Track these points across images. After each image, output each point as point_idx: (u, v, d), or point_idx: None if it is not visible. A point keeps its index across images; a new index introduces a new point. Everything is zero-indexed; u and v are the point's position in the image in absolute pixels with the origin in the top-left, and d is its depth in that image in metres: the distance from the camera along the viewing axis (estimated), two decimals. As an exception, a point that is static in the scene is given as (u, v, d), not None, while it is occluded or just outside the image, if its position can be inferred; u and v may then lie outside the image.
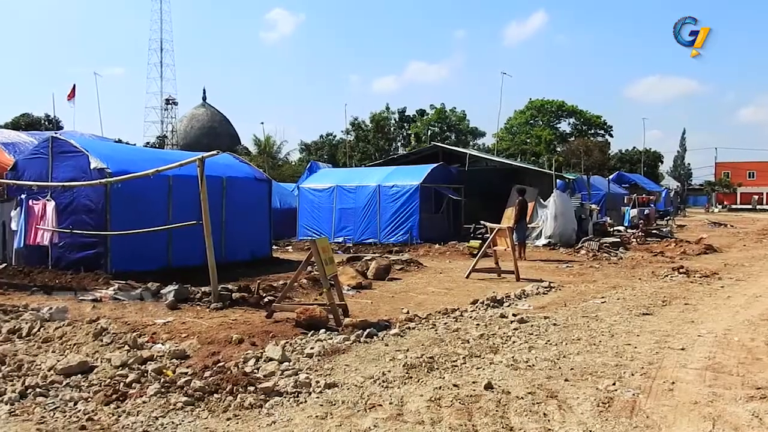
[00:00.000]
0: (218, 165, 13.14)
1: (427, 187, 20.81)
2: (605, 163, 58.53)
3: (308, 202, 22.18)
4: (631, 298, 10.03)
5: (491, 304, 9.24)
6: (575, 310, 8.99)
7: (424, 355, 6.16)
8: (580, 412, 4.62)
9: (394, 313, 8.65)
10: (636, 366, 5.91)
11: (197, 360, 6.06)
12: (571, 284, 11.82)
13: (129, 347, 6.35)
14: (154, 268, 11.41)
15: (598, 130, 68.78)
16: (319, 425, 4.37)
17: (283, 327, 7.45)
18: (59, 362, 5.69)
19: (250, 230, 14.21)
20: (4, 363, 5.80)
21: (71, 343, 6.60)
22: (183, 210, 11.50)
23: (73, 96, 34.81)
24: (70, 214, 11.21)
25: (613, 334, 7.29)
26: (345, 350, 6.44)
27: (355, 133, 65.69)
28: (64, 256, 11.46)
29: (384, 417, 4.50)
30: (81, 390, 5.12)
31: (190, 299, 9.12)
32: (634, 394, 5.03)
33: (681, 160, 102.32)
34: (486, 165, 27.22)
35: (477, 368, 5.80)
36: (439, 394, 4.98)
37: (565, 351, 6.46)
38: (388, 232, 20.49)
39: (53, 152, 11.84)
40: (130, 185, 10.82)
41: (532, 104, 67.98)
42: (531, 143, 63.96)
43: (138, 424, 4.37)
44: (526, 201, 17.37)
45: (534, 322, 7.94)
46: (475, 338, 7.00)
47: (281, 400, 4.89)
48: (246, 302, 9.00)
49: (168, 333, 7.10)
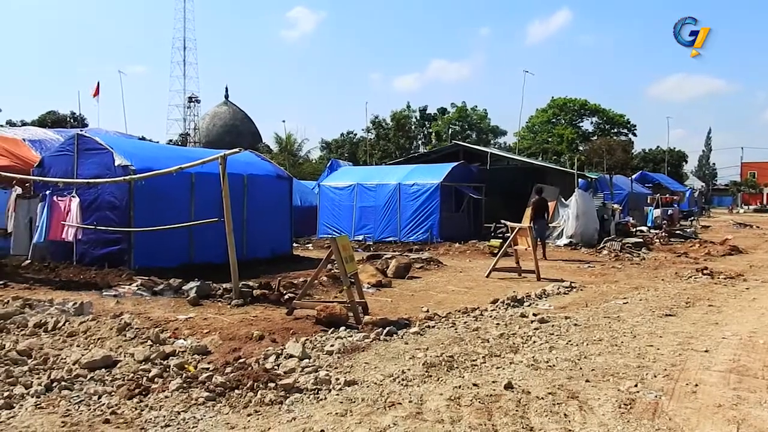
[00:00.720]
0: (240, 163, 13.23)
1: (448, 185, 20.74)
2: (628, 163, 57.96)
3: (329, 200, 22.23)
4: (653, 299, 9.92)
5: (512, 303, 9.20)
6: (597, 310, 8.91)
7: (443, 354, 6.15)
8: (602, 414, 4.59)
9: (413, 311, 8.65)
10: (658, 367, 5.84)
11: (218, 356, 6.12)
12: (592, 284, 11.72)
13: (152, 342, 6.43)
14: (176, 264, 11.53)
15: (621, 129, 68.12)
16: (339, 422, 4.38)
17: (303, 324, 7.49)
18: (84, 356, 5.78)
19: (271, 228, 14.29)
20: (30, 356, 5.90)
21: (95, 337, 6.70)
22: (205, 207, 11.60)
23: (97, 93, 35.32)
24: (94, 211, 11.35)
25: (635, 335, 7.22)
26: (365, 348, 6.46)
27: (376, 131, 65.72)
28: (88, 252, 11.61)
29: (403, 415, 4.50)
30: (105, 384, 5.19)
31: (212, 296, 9.20)
32: (657, 396, 4.98)
33: (706, 160, 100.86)
34: (507, 164, 27.10)
35: (497, 368, 5.78)
36: (458, 393, 4.98)
37: (586, 351, 6.41)
38: (409, 230, 20.47)
39: (78, 149, 12.00)
40: (153, 182, 10.94)
41: (555, 103, 67.48)
42: (553, 142, 63.51)
43: (160, 419, 4.43)
44: (543, 200, 17.23)
45: (555, 322, 7.89)
46: (495, 338, 6.98)
47: (301, 396, 4.92)
48: (267, 299, 9.07)
49: (190, 329, 7.17)
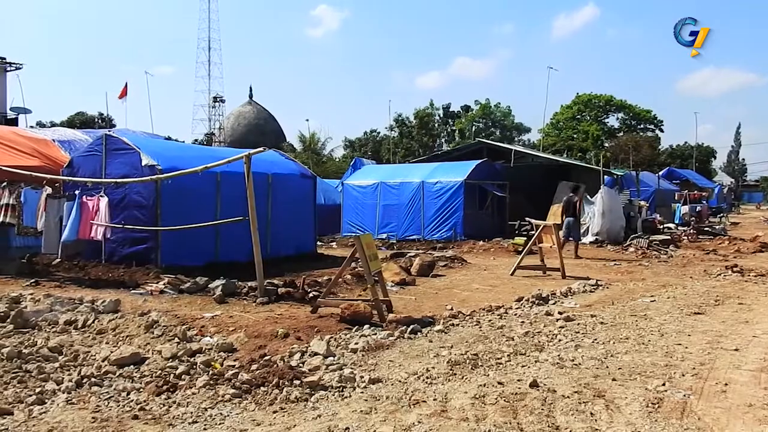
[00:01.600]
0: (264, 162, 13.33)
1: (472, 183, 20.67)
2: (655, 159, 57.15)
3: (352, 199, 22.29)
4: (681, 297, 9.78)
5: (536, 301, 9.14)
6: (623, 308, 8.81)
7: (468, 352, 6.14)
8: (629, 413, 4.54)
9: (437, 309, 8.64)
10: (687, 366, 5.76)
11: (244, 353, 6.17)
12: (619, 282, 11.59)
13: (179, 340, 6.51)
14: (201, 263, 11.66)
15: (648, 125, 67.09)
16: (363, 420, 4.40)
17: (327, 322, 7.52)
18: (113, 353, 5.87)
19: (295, 226, 14.37)
20: (61, 353, 6.02)
21: (124, 334, 6.81)
22: (230, 206, 11.71)
23: (124, 95, 35.83)
24: (122, 210, 11.51)
25: (662, 334, 7.13)
26: (389, 346, 6.46)
27: (399, 129, 65.72)
28: (116, 251, 11.79)
29: (428, 413, 4.50)
30: (133, 380, 5.27)
31: (237, 294, 9.29)
32: (685, 395, 4.91)
33: (735, 156, 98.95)
34: (531, 161, 26.90)
35: (522, 366, 5.75)
36: (483, 392, 4.96)
37: (612, 350, 6.35)
38: (432, 228, 20.44)
39: (107, 149, 12.19)
40: (179, 181, 11.07)
41: (580, 99, 66.67)
42: (578, 139, 62.79)
43: (188, 415, 4.48)
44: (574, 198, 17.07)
45: (580, 320, 7.82)
46: (519, 336, 6.94)
47: (326, 394, 4.94)
48: (291, 297, 9.13)
49: (216, 326, 7.25)
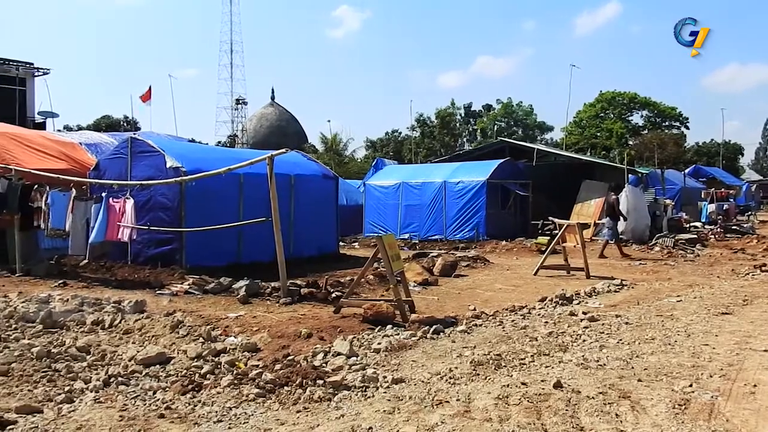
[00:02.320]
0: (287, 163, 13.41)
1: (494, 182, 20.57)
2: (681, 157, 56.31)
3: (374, 199, 22.32)
4: (709, 297, 9.63)
5: (560, 301, 9.07)
6: (649, 308, 8.70)
7: (491, 353, 6.11)
8: (655, 414, 4.48)
9: (460, 309, 8.61)
10: (714, 367, 5.67)
11: (268, 353, 6.22)
12: (644, 282, 11.45)
13: (203, 340, 6.58)
14: (225, 263, 11.77)
15: (673, 123, 66.13)
16: (386, 420, 4.40)
17: (350, 322, 7.55)
18: (139, 353, 5.96)
19: (318, 227, 14.43)
20: (89, 353, 6.12)
21: (150, 334, 6.90)
22: (253, 207, 11.80)
23: (148, 98, 36.25)
24: (147, 212, 11.66)
25: (689, 334, 7.02)
26: (412, 346, 6.46)
27: (421, 129, 65.65)
28: (142, 252, 11.96)
29: (451, 413, 4.49)
30: (159, 380, 5.34)
31: (261, 294, 9.36)
32: (713, 397, 4.84)
33: (763, 152, 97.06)
34: (554, 160, 26.72)
35: (546, 367, 5.71)
36: (506, 392, 4.93)
37: (638, 350, 6.27)
38: (454, 228, 20.38)
39: (132, 152, 12.37)
40: (203, 183, 11.19)
41: (603, 97, 65.94)
42: (601, 137, 62.13)
43: (213, 414, 4.53)
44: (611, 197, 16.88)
45: (605, 320, 7.74)
46: (543, 336, 6.89)
47: (349, 394, 4.96)
48: (314, 297, 9.17)
49: (240, 326, 7.31)
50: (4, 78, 29.42)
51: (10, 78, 29.54)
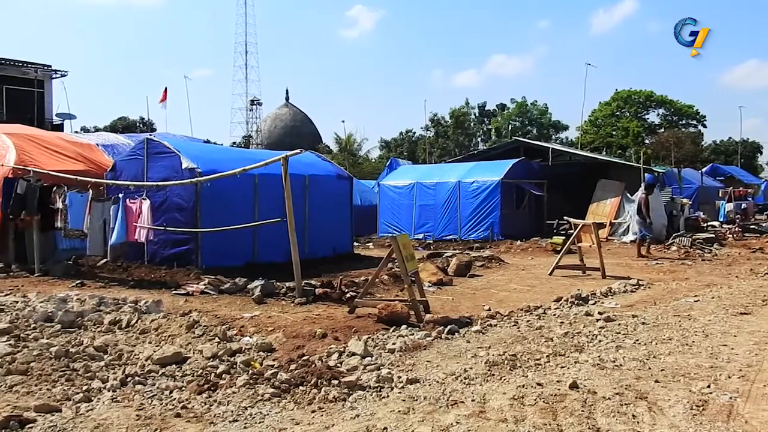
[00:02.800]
0: (301, 163, 13.45)
1: (509, 182, 20.50)
2: (698, 155, 55.66)
3: (388, 199, 22.33)
4: (727, 297, 9.53)
5: (576, 301, 9.01)
6: (666, 308, 8.63)
7: (506, 353, 6.09)
8: (672, 415, 4.44)
9: (475, 309, 8.59)
10: (733, 368, 5.61)
11: (283, 353, 6.24)
12: (661, 282, 11.35)
13: (219, 339, 6.62)
14: (240, 263, 11.84)
15: (690, 121, 65.44)
16: (401, 420, 4.40)
17: (365, 322, 7.56)
18: (155, 352, 6.00)
19: (332, 227, 14.46)
20: (106, 352, 6.18)
21: (166, 334, 6.95)
22: (268, 207, 11.85)
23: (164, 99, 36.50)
24: (163, 212, 11.75)
25: (707, 335, 6.95)
26: (426, 346, 6.46)
27: (435, 129, 65.51)
28: (158, 252, 12.04)
29: (466, 414, 4.48)
30: (175, 379, 5.38)
31: (276, 294, 9.40)
32: (732, 398, 4.78)
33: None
34: (569, 159, 26.54)
35: (561, 367, 5.68)
36: (522, 393, 4.91)
37: (655, 351, 6.22)
38: (469, 228, 20.34)
39: (148, 153, 12.47)
40: (218, 184, 11.25)
41: (619, 95, 65.36)
42: (617, 136, 61.62)
43: (228, 413, 4.55)
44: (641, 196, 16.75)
45: (621, 320, 7.69)
46: (559, 336, 6.85)
47: (364, 394, 4.96)
48: (329, 297, 9.19)
49: (255, 326, 7.35)
50: (23, 80, 29.84)
51: (28, 80, 29.95)
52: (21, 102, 28.89)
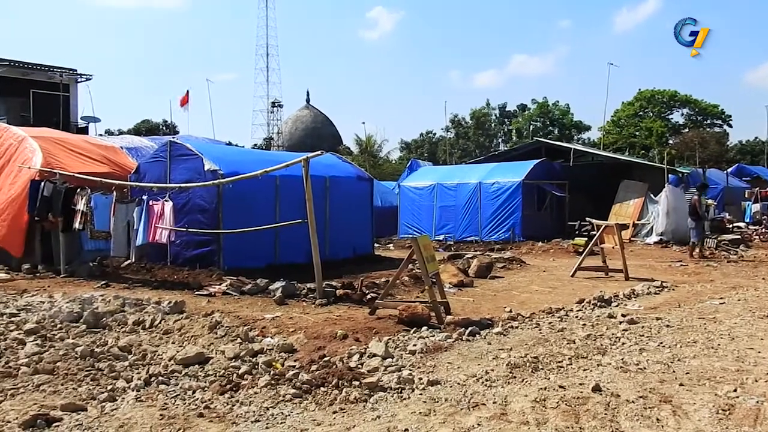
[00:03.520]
0: (322, 165, 13.49)
1: (530, 183, 20.38)
2: (723, 156, 54.80)
3: (409, 201, 22.32)
4: (753, 299, 9.37)
5: (598, 303, 8.93)
6: (690, 311, 8.51)
7: (528, 355, 6.05)
8: (697, 419, 4.38)
9: (496, 311, 8.55)
10: (760, 372, 5.51)
11: (304, 354, 6.27)
12: (685, 284, 11.20)
13: (241, 340, 6.67)
14: (262, 265, 11.91)
15: (715, 121, 64.47)
16: (422, 421, 4.40)
17: (385, 324, 7.56)
18: (178, 353, 6.07)
19: (353, 228, 14.49)
20: (130, 352, 6.26)
21: (189, 335, 7.02)
22: (289, 209, 11.91)
23: (186, 102, 36.86)
24: (186, 214, 11.87)
25: (733, 338, 6.85)
26: (447, 348, 6.44)
27: (455, 130, 65.39)
28: (181, 254, 12.17)
29: (488, 416, 4.46)
30: (198, 379, 5.43)
31: (297, 295, 9.44)
32: (759, 402, 4.70)
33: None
34: (592, 160, 26.31)
35: (584, 370, 5.63)
36: (544, 395, 4.88)
37: (679, 354, 6.14)
38: (490, 229, 20.26)
39: (171, 155, 12.60)
40: (240, 186, 11.33)
41: (642, 95, 64.58)
42: (640, 136, 60.90)
43: (250, 414, 4.59)
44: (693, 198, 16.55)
45: (645, 323, 7.60)
46: (581, 339, 6.80)
47: (385, 395, 4.96)
48: (349, 299, 9.22)
49: (276, 327, 7.39)
50: (49, 84, 30.33)
51: (54, 84, 30.43)
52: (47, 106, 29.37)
